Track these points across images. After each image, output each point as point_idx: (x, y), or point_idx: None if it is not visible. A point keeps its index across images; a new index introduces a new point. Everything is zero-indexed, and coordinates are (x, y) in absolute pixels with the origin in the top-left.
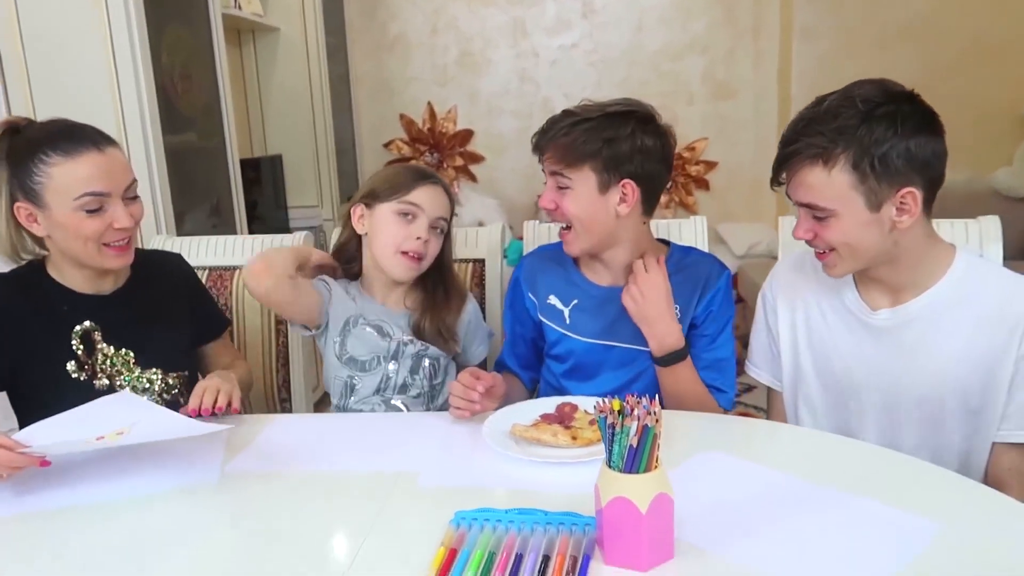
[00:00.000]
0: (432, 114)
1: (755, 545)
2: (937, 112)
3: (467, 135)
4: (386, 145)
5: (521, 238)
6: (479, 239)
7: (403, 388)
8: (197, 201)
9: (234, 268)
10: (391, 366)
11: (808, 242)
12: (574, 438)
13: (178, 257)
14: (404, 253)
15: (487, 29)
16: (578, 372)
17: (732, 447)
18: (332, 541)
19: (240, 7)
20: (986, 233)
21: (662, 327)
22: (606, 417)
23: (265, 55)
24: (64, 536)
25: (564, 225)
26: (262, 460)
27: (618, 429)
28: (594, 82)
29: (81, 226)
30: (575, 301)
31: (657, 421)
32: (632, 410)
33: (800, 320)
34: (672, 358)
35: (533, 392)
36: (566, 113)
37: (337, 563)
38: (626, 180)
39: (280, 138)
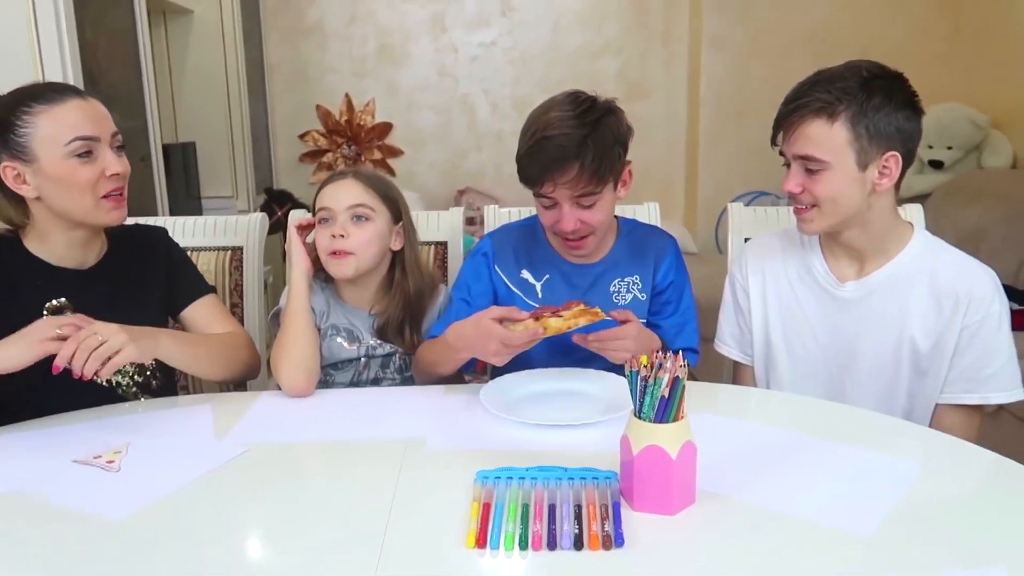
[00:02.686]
0: (350, 106)
1: (765, 489)
2: None
3: (386, 128)
4: (302, 136)
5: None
6: (440, 221)
7: (375, 382)
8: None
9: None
10: (361, 364)
11: (792, 196)
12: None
13: (162, 231)
14: (332, 254)
15: (407, 23)
16: (549, 343)
17: (720, 410)
18: (361, 508)
19: None
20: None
21: (646, 346)
22: (637, 371)
23: (178, 38)
24: (93, 542)
25: (577, 239)
26: (260, 433)
27: (650, 382)
28: (513, 79)
29: (75, 174)
30: (547, 276)
31: (686, 374)
32: (662, 364)
33: (771, 295)
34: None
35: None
36: None
37: (373, 527)
38: (625, 168)
39: (193, 125)
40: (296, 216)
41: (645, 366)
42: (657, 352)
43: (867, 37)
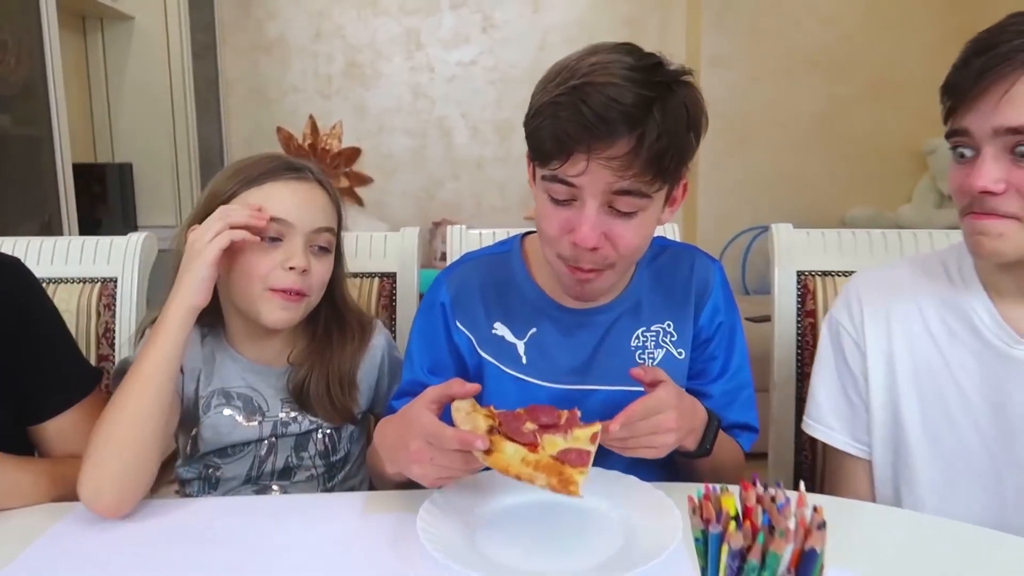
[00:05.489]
0: (314, 129)
1: None
2: (841, 146)
3: (354, 154)
4: None
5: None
6: (388, 246)
7: (286, 473)
8: (13, 208)
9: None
10: (265, 447)
11: (983, 197)
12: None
13: (16, 270)
14: (276, 291)
15: (378, 40)
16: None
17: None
18: None
19: None
20: None
21: (691, 423)
22: (720, 535)
23: (116, 47)
24: None
25: (591, 269)
26: None
27: (751, 559)
28: (494, 101)
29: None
30: (533, 330)
31: (824, 540)
32: (776, 518)
33: (902, 353)
34: (705, 441)
35: None
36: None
37: None
38: (684, 177)
39: (131, 145)
40: (230, 212)
41: (734, 518)
42: (756, 488)
43: (877, 63)
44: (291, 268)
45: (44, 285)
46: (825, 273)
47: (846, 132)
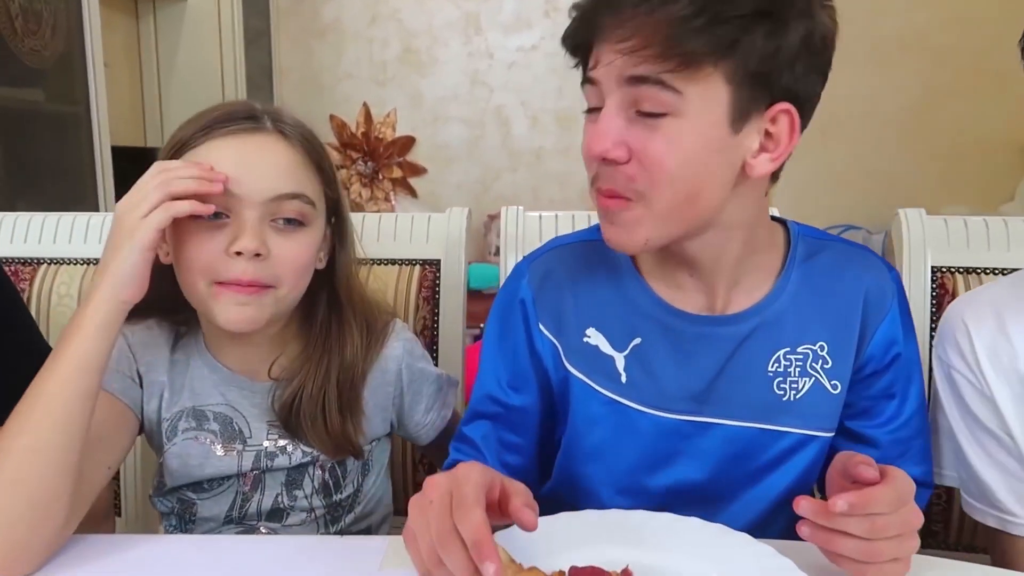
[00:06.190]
0: (368, 117)
1: None
2: (933, 139)
3: (408, 143)
4: None
5: (473, 261)
6: (431, 229)
7: (275, 515)
8: (43, 187)
9: (34, 261)
10: (248, 482)
11: None
12: None
13: None
14: (223, 284)
15: (435, 24)
16: (643, 467)
17: None
18: None
19: None
20: None
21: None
22: None
23: (168, 30)
24: None
25: (611, 192)
26: None
27: None
28: (555, 89)
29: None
30: (637, 340)
31: None
32: None
33: None
34: None
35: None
36: None
37: None
38: (783, 103)
39: None
40: (171, 177)
41: None
42: None
43: (975, 48)
44: (238, 253)
45: (43, 266)
46: (969, 270)
47: (939, 124)
